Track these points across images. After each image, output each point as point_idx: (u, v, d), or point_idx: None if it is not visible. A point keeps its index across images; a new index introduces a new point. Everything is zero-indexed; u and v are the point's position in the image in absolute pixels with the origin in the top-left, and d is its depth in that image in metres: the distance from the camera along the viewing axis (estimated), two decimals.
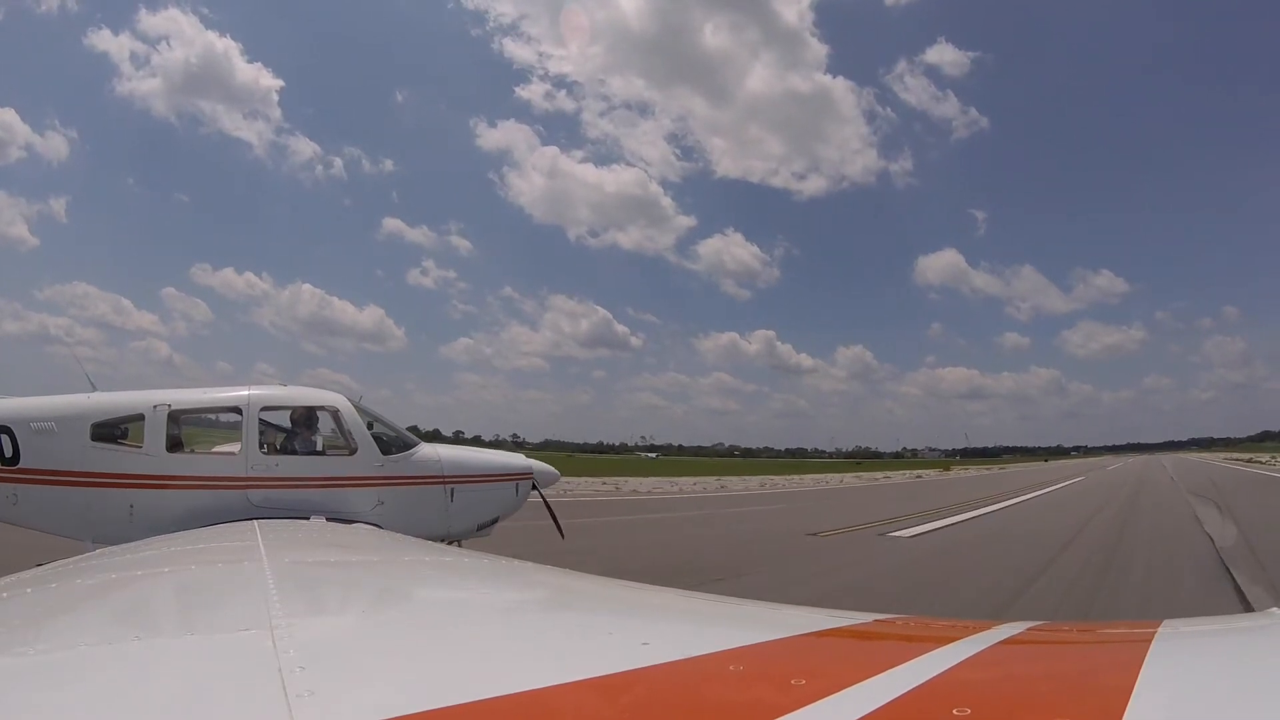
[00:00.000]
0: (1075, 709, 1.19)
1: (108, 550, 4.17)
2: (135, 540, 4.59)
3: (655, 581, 3.42)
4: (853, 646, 1.84)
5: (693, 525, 17.56)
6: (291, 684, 1.22)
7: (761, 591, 7.57)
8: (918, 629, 2.11)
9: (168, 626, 2.19)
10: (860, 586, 9.20)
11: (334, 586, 2.91)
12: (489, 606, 2.59)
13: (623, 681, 1.33)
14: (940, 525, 16.31)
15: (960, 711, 1.09)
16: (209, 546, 3.80)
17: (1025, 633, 1.80)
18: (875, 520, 16.93)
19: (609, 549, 11.47)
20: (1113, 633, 2.07)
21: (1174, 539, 13.29)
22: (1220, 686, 1.33)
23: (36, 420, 5.53)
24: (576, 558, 7.60)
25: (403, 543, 4.68)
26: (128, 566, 3.20)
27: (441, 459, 6.41)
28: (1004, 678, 1.50)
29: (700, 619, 2.26)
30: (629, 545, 12.79)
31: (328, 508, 5.75)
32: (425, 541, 4.96)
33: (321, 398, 6.32)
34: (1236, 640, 1.82)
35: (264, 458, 5.80)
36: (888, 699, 1.15)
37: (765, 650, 1.66)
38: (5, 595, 2.40)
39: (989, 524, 17.21)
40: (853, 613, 2.12)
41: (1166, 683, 1.30)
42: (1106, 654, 1.74)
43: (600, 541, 12.19)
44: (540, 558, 3.87)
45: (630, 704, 1.27)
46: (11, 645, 1.73)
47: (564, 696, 1.24)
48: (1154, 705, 1.15)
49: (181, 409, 5.81)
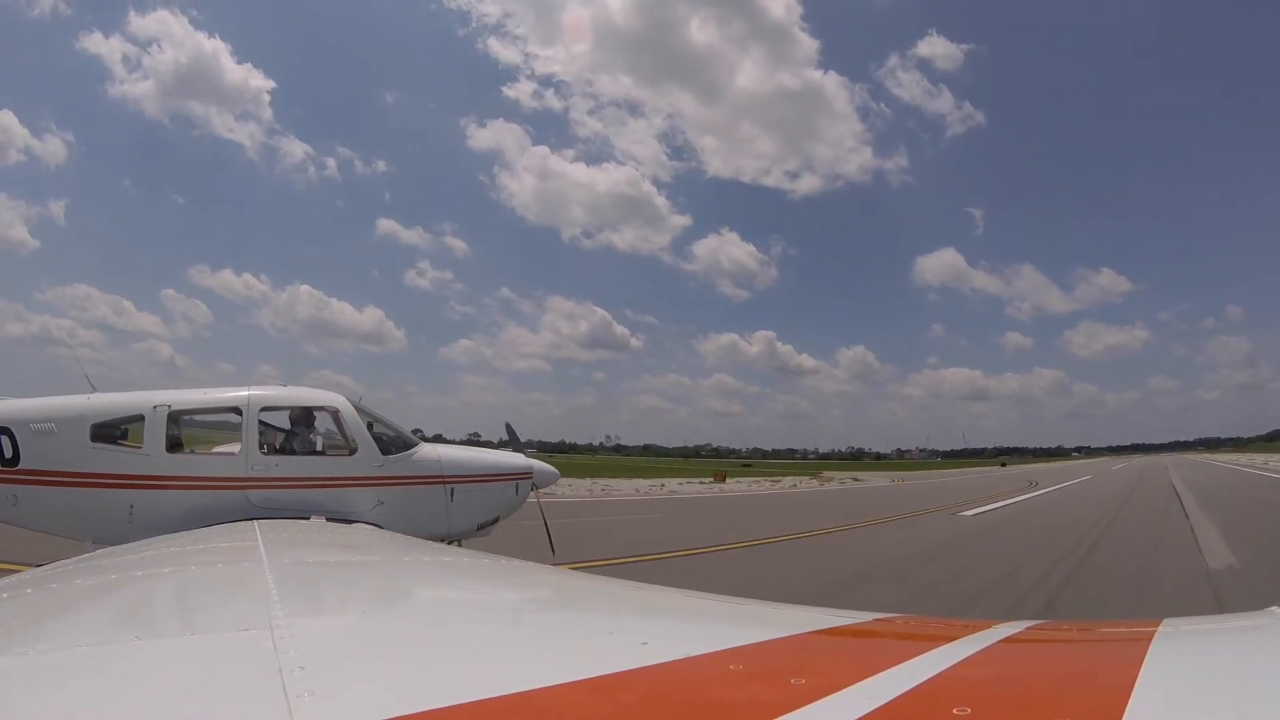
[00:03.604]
0: (1075, 708, 1.19)
1: (108, 550, 4.17)
2: (135, 541, 4.59)
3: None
4: (853, 646, 1.84)
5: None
6: (291, 684, 1.22)
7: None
8: (918, 628, 2.11)
9: (168, 626, 2.19)
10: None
11: (334, 586, 2.91)
12: (489, 606, 2.59)
13: (623, 681, 1.32)
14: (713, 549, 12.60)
15: (960, 711, 1.09)
16: (209, 547, 3.80)
17: (1025, 632, 1.80)
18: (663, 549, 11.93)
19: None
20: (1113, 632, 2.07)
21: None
22: (1220, 686, 1.33)
23: (36, 421, 5.53)
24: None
25: (403, 543, 4.68)
26: (128, 567, 3.19)
27: (441, 459, 6.41)
28: (1004, 677, 1.50)
29: (700, 619, 2.26)
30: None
31: (328, 508, 5.75)
32: (425, 541, 4.96)
33: (321, 398, 6.32)
34: (1236, 640, 1.82)
35: (264, 458, 5.80)
36: (888, 699, 1.15)
37: (765, 650, 1.66)
38: (5, 595, 2.40)
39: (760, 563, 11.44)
40: (853, 612, 2.12)
41: (1166, 682, 1.30)
42: (1106, 653, 1.74)
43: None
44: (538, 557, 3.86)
45: (630, 704, 1.27)
46: (12, 645, 1.73)
47: (564, 696, 1.24)
48: (1154, 704, 1.15)
49: (181, 409, 5.81)
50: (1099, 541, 13.60)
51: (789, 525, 17.19)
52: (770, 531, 15.41)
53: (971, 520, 19.01)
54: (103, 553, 4.09)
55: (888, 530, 16.80)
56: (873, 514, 20.45)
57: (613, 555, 11.21)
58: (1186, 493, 26.96)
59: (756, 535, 14.85)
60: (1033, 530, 16.14)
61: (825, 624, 1.94)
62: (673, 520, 19.15)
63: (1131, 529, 15.81)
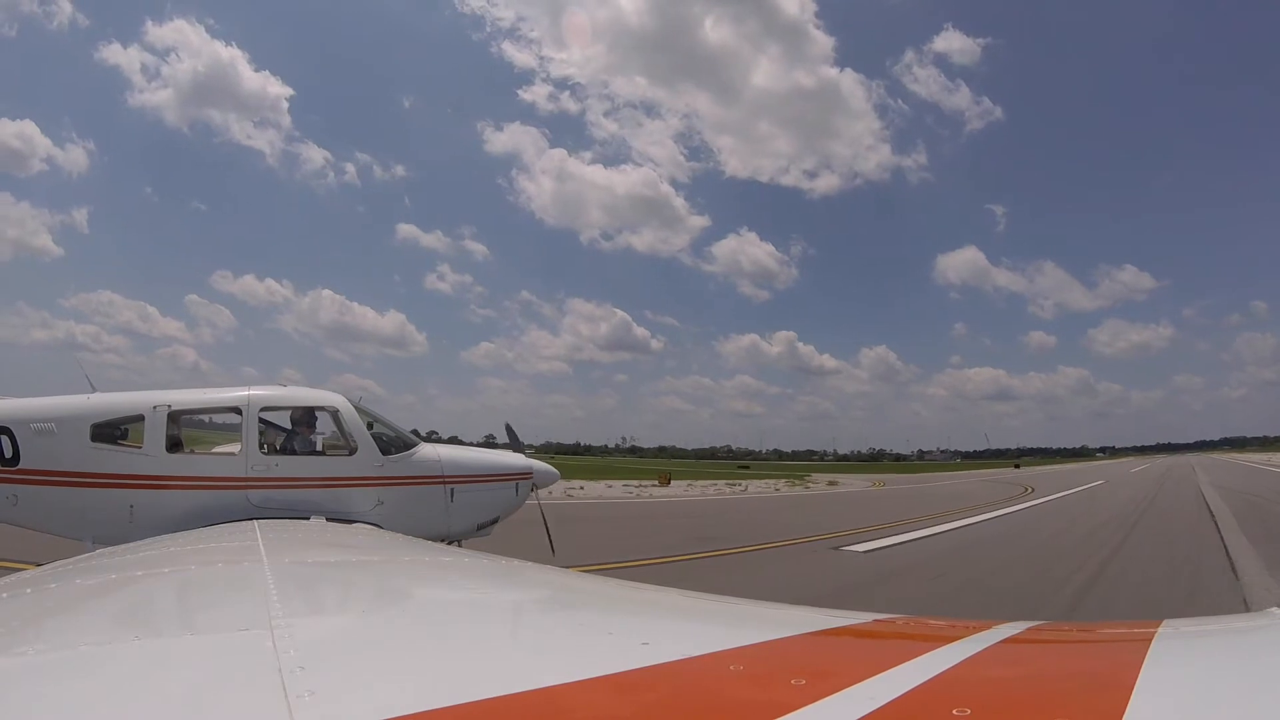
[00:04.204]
0: (1075, 709, 1.19)
1: (108, 550, 4.17)
2: (135, 541, 4.59)
3: None
4: (853, 646, 1.84)
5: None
6: (291, 684, 1.22)
7: None
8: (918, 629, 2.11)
9: (168, 626, 2.19)
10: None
11: (334, 586, 2.91)
12: (489, 606, 2.59)
13: (623, 681, 1.32)
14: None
15: (960, 711, 1.09)
16: (209, 546, 3.80)
17: (1025, 633, 1.80)
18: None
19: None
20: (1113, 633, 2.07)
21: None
22: (1220, 686, 1.33)
23: (36, 421, 5.53)
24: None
25: (403, 543, 4.68)
26: (128, 567, 3.19)
27: (441, 459, 6.42)
28: (1004, 678, 1.49)
29: (700, 619, 2.26)
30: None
31: (327, 508, 5.75)
32: (425, 541, 4.96)
33: (321, 398, 6.33)
34: (1236, 640, 1.82)
35: (264, 458, 5.80)
36: (888, 699, 1.15)
37: (765, 650, 1.66)
38: (5, 595, 2.40)
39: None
40: (853, 612, 2.12)
41: (1166, 683, 1.30)
42: (1106, 654, 1.74)
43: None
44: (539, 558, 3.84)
45: (630, 704, 1.27)
46: (11, 645, 1.73)
47: (564, 696, 1.24)
48: (1154, 705, 1.15)
49: (181, 409, 5.81)
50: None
51: (613, 546, 12.53)
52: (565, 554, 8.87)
53: (849, 562, 11.58)
54: (103, 553, 4.09)
55: (704, 571, 10.37)
56: (741, 538, 14.49)
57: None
58: (1222, 509, 19.52)
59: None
60: (937, 593, 9.07)
61: (825, 624, 1.94)
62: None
63: (1134, 585, 9.27)
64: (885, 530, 16.20)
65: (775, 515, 21.52)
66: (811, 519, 19.89)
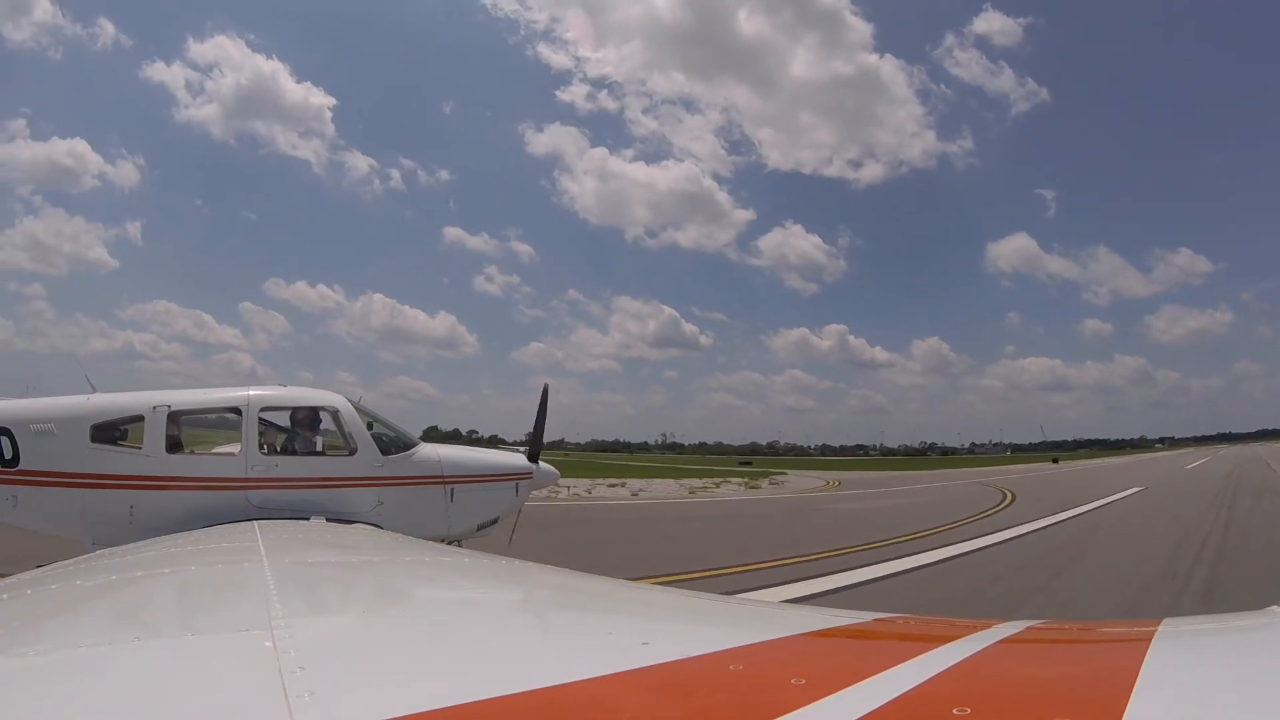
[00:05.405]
0: (1075, 709, 1.19)
1: (108, 551, 4.17)
2: (135, 541, 4.59)
3: None
4: (853, 646, 1.84)
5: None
6: (291, 684, 1.22)
7: None
8: (918, 628, 2.11)
9: (168, 627, 2.19)
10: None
11: (334, 587, 2.91)
12: (489, 606, 2.59)
13: (623, 681, 1.32)
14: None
15: (960, 711, 1.09)
16: (209, 547, 3.80)
17: (1025, 632, 1.80)
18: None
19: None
20: (1113, 632, 2.07)
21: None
22: (1220, 686, 1.33)
23: (36, 422, 5.53)
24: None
25: (403, 543, 4.68)
26: (127, 567, 3.19)
27: (441, 459, 6.42)
28: (1004, 677, 1.49)
29: (700, 619, 2.26)
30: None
31: (328, 508, 5.75)
32: (425, 541, 4.95)
33: (321, 398, 6.32)
34: (1236, 639, 1.82)
35: (264, 458, 5.80)
36: (888, 699, 1.15)
37: (765, 650, 1.66)
38: (5, 596, 2.40)
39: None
40: (853, 612, 2.12)
41: (1166, 682, 1.30)
42: (1106, 653, 1.74)
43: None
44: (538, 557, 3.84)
45: (630, 704, 1.27)
46: (12, 646, 1.73)
47: (564, 696, 1.24)
48: (1154, 705, 1.15)
49: (181, 410, 5.81)
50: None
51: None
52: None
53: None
54: (103, 553, 4.10)
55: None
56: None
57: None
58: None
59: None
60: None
61: (825, 624, 1.94)
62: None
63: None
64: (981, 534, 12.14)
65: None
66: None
